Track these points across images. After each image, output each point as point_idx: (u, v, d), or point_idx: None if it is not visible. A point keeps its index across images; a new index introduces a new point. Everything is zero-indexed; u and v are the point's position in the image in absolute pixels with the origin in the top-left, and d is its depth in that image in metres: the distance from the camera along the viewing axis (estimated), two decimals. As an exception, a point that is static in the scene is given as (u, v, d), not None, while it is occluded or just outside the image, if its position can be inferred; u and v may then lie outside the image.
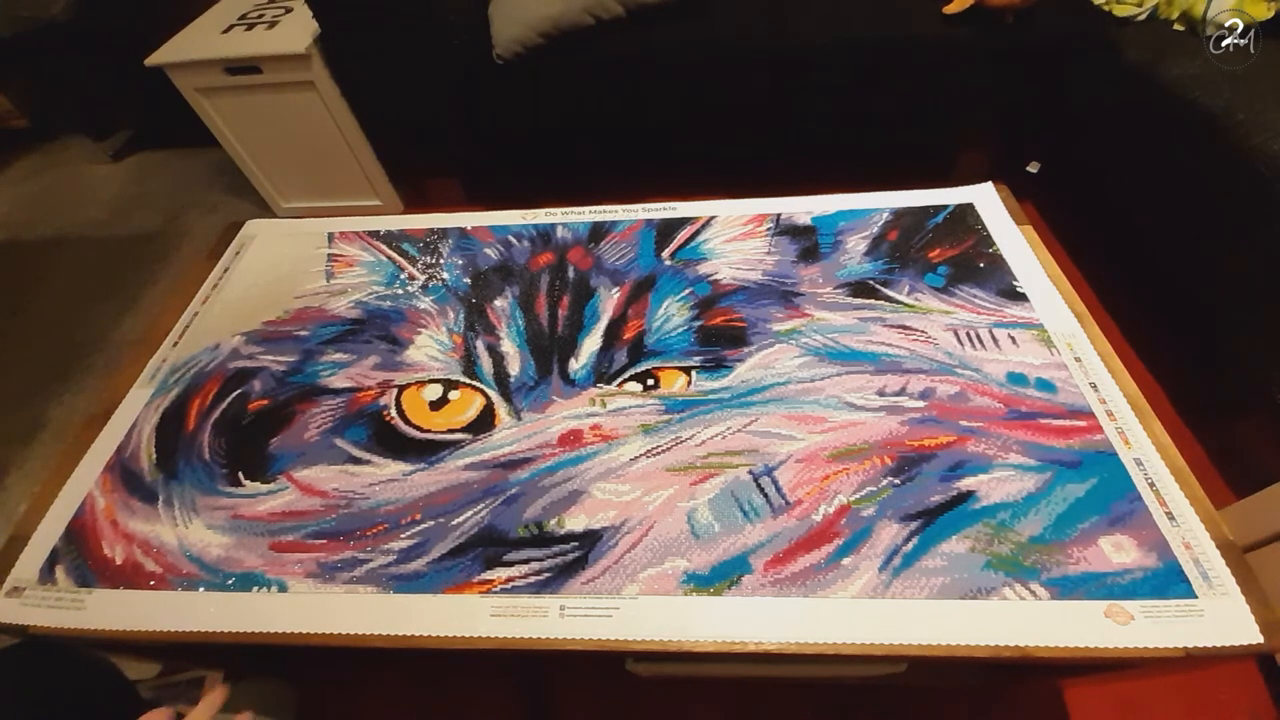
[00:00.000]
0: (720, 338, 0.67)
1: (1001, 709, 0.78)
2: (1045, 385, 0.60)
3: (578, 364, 0.66)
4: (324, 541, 0.56)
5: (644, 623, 0.49)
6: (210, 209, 1.67)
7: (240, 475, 0.61)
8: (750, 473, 0.56)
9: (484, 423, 0.62)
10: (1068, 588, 0.48)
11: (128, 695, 0.57)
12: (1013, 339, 0.64)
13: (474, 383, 0.66)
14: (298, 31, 1.23)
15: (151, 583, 0.55)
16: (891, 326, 0.66)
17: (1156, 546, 0.49)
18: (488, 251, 0.80)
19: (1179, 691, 0.77)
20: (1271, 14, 0.94)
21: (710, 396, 0.62)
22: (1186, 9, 1.02)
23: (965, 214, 0.77)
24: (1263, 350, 0.85)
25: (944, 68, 1.15)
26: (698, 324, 0.68)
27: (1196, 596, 0.47)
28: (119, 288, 1.49)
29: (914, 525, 0.52)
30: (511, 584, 0.52)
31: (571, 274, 0.75)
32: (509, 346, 0.69)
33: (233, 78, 1.26)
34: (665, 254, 0.76)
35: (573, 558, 0.53)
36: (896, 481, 0.54)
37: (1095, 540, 0.50)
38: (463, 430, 0.62)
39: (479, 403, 0.64)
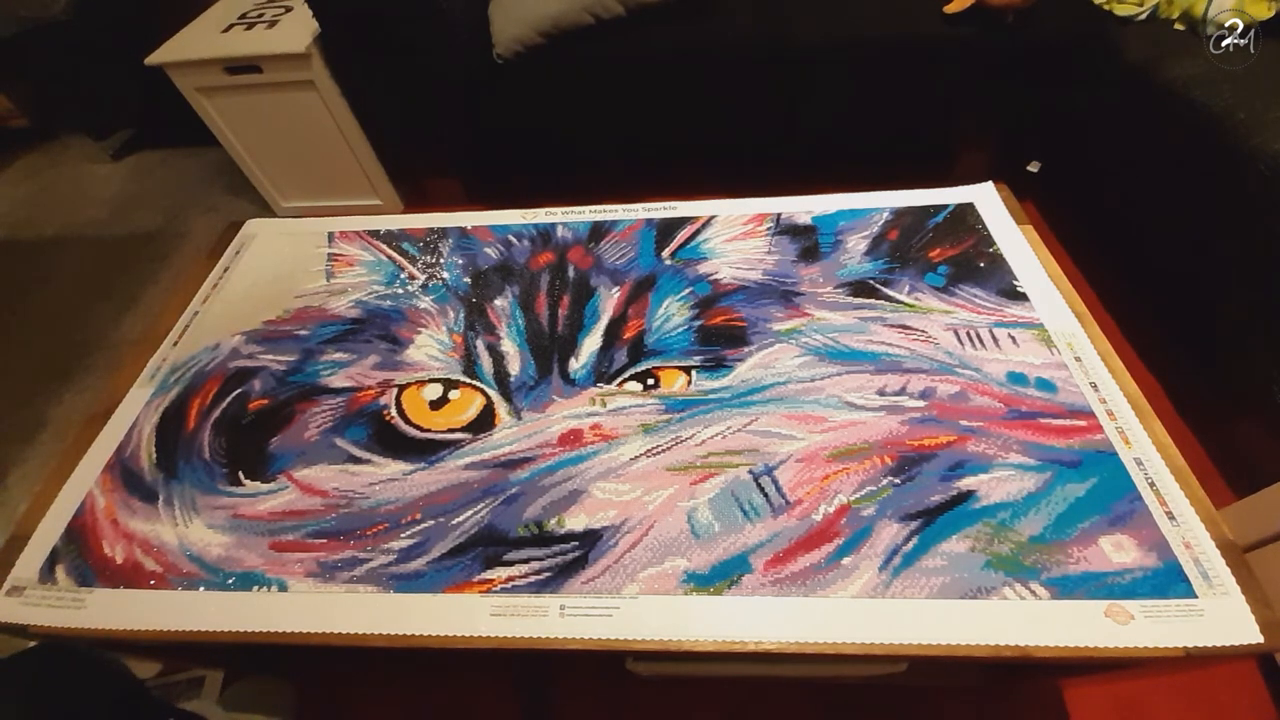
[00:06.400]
0: (720, 337, 0.67)
1: (1001, 709, 0.78)
2: (1045, 385, 0.60)
3: (578, 363, 0.66)
4: (324, 541, 0.56)
5: (644, 622, 0.49)
6: (210, 209, 1.67)
7: (240, 475, 0.61)
8: (750, 472, 0.56)
9: (484, 422, 0.62)
10: (1068, 587, 0.48)
11: (142, 699, 0.57)
12: (1013, 339, 0.64)
13: (474, 382, 0.66)
14: (298, 31, 1.23)
15: (152, 582, 0.55)
16: (892, 326, 0.66)
17: (1156, 546, 0.49)
18: (488, 251, 0.80)
19: (1179, 691, 0.77)
20: (1271, 14, 0.94)
21: (710, 396, 0.62)
22: (1187, 9, 1.02)
23: (965, 214, 0.77)
24: (1263, 350, 0.85)
25: (944, 68, 1.15)
26: (698, 323, 0.68)
27: (1196, 596, 0.47)
28: (119, 287, 1.48)
29: (914, 525, 0.52)
30: (511, 583, 0.52)
31: (572, 273, 0.75)
32: (509, 346, 0.69)
33: (233, 77, 1.26)
34: (665, 253, 0.76)
35: (573, 557, 0.53)
36: (896, 481, 0.54)
37: (1095, 540, 0.50)
38: (463, 430, 0.62)
39: (479, 402, 0.64)
